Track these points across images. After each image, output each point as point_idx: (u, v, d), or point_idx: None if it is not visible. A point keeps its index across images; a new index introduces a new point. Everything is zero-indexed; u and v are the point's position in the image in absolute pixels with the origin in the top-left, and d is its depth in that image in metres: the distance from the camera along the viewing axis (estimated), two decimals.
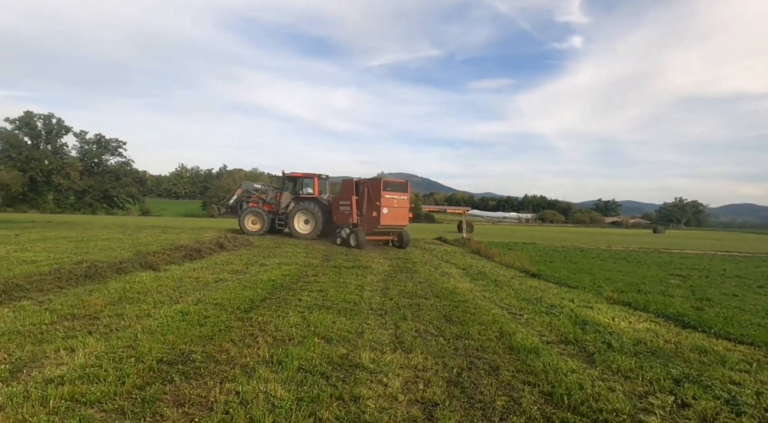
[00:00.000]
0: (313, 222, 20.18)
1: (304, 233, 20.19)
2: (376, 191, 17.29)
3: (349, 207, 18.09)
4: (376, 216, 17.32)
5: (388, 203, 17.34)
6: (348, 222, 18.16)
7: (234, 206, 22.85)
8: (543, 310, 7.36)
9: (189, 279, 8.56)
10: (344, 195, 18.71)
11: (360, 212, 17.94)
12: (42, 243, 13.93)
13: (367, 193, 17.61)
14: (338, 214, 18.91)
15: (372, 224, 17.61)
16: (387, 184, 17.44)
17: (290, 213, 20.49)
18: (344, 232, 18.23)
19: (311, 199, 20.71)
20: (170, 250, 11.66)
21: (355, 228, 17.85)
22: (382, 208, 17.14)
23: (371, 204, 17.51)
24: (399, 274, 11.16)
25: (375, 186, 17.42)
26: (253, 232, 20.89)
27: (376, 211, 17.27)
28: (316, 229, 20.09)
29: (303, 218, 20.36)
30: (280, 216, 21.43)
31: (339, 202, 18.91)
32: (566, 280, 11.39)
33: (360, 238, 17.30)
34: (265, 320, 5.68)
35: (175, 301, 6.49)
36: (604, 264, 16.62)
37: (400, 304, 7.24)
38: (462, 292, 8.72)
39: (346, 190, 18.68)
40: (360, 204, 17.92)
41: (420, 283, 9.68)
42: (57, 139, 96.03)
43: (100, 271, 7.83)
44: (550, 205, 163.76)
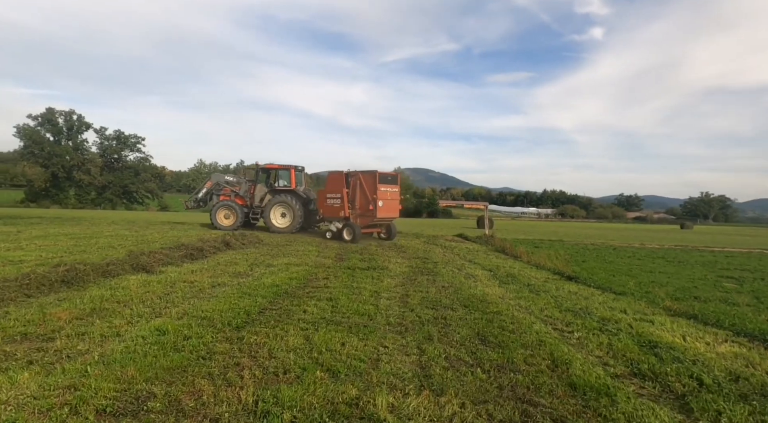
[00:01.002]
0: (291, 215, 19.67)
1: (282, 227, 19.66)
2: (372, 184, 17.11)
3: (340, 200, 17.73)
4: (372, 209, 17.17)
5: (383, 196, 17.32)
6: (338, 215, 17.83)
7: (204, 200, 21.84)
8: (595, 325, 6.12)
9: (182, 284, 7.57)
10: (333, 188, 18.13)
11: (352, 205, 17.60)
12: (41, 240, 13.19)
13: (360, 186, 17.34)
14: (325, 207, 18.36)
15: (367, 217, 17.47)
16: (382, 177, 17.35)
17: (266, 206, 19.94)
18: (334, 226, 17.96)
19: (288, 192, 20.12)
20: (169, 249, 10.74)
21: (348, 221, 17.59)
22: (378, 200, 17.03)
23: (365, 197, 17.29)
24: (419, 276, 10.01)
25: (370, 179, 17.21)
26: (225, 227, 19.91)
27: (372, 203, 17.11)
28: (294, 223, 19.59)
29: (280, 211, 19.86)
30: (254, 209, 20.62)
31: (326, 195, 18.31)
32: (608, 284, 10.10)
33: (356, 232, 17.09)
34: (258, 342, 4.61)
35: (156, 314, 5.47)
36: (642, 264, 15.17)
37: (423, 318, 6.09)
38: (494, 301, 7.52)
39: (335, 183, 18.09)
40: (352, 197, 17.57)
41: (444, 289, 8.52)
42: (78, 136, 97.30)
43: (81, 274, 6.89)
44: (570, 200, 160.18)
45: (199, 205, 21.89)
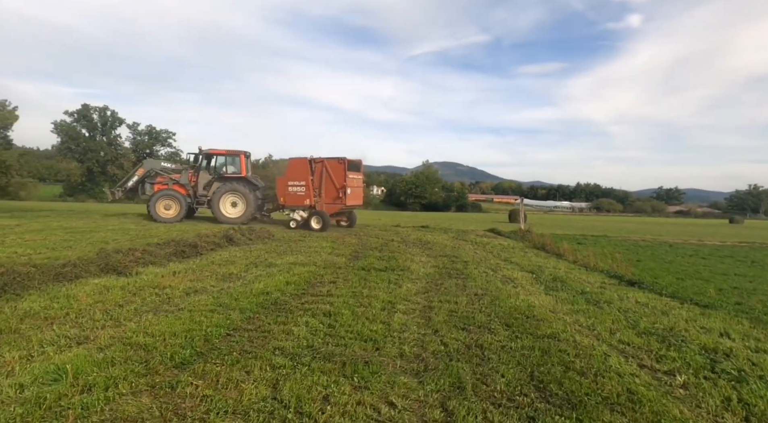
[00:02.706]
0: (243, 204, 18.31)
1: (233, 217, 18.19)
2: (340, 171, 16.80)
3: (303, 188, 17.13)
4: (341, 197, 16.86)
5: (350, 183, 17.04)
6: (303, 203, 17.27)
7: (134, 189, 19.79)
8: (699, 360, 4.26)
9: (150, 290, 6.10)
10: (295, 175, 17.37)
11: (318, 193, 17.05)
12: (33, 234, 12.16)
13: (326, 173, 16.88)
14: (287, 195, 17.49)
15: (335, 205, 17.13)
16: (350, 164, 17.01)
17: (214, 195, 18.32)
18: (298, 215, 17.40)
19: (239, 179, 18.49)
20: (156, 245, 9.37)
21: (314, 209, 17.12)
22: (347, 188, 16.74)
23: (332, 184, 16.90)
24: (447, 279, 8.28)
25: (337, 166, 16.86)
26: (167, 219, 18.05)
27: (341, 191, 16.80)
28: (246, 213, 18.28)
29: (230, 200, 18.41)
30: (199, 198, 18.91)
31: (288, 183, 17.48)
32: (683, 292, 8.11)
33: (326, 220, 16.73)
34: (196, 395, 3.03)
35: (79, 341, 3.97)
36: (710, 264, 12.93)
37: (451, 346, 4.38)
38: (544, 316, 5.73)
39: (299, 170, 17.31)
40: (317, 184, 17.07)
41: (477, 298, 6.77)
42: (111, 131, 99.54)
43: (21, 279, 5.53)
44: (605, 193, 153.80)
45: (128, 194, 19.94)
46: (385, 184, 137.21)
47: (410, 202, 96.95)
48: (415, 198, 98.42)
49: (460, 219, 41.10)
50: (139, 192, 19.38)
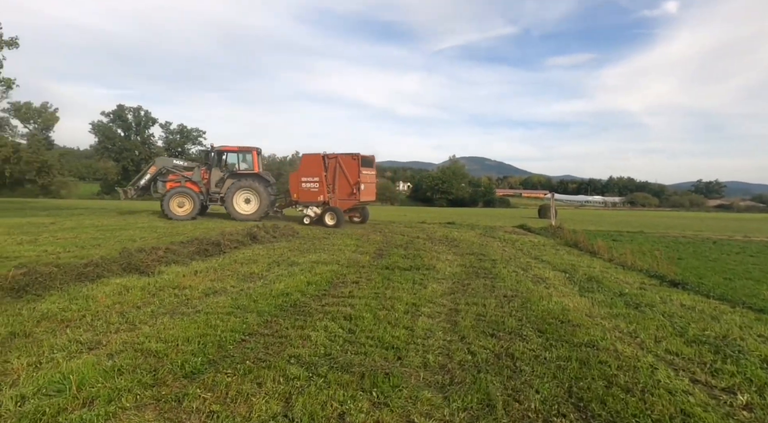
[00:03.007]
0: (257, 201, 18.31)
1: (246, 214, 18.25)
2: (354, 167, 16.82)
3: (317, 184, 17.15)
4: (355, 193, 16.89)
5: (364, 179, 17.04)
6: (316, 200, 17.27)
7: (147, 187, 19.77)
8: (764, 377, 3.78)
9: (170, 290, 6.01)
10: (309, 171, 17.41)
11: (331, 189, 17.08)
12: (65, 232, 12.45)
13: (340, 169, 16.90)
14: (301, 191, 17.52)
15: (349, 201, 17.16)
16: (364, 160, 17.06)
17: (228, 192, 18.32)
18: (312, 211, 17.37)
19: (252, 176, 18.44)
20: (179, 244, 9.36)
21: (328, 205, 17.10)
22: (360, 184, 16.81)
23: (346, 180, 16.90)
24: (474, 279, 7.92)
25: (351, 162, 16.87)
26: (181, 217, 18.07)
27: (355, 187, 16.82)
28: (260, 210, 18.30)
29: (243, 197, 18.40)
30: (211, 195, 18.92)
31: (301, 179, 17.50)
32: (733, 294, 7.50)
33: (339, 216, 16.75)
34: (202, 410, 2.81)
35: (90, 346, 3.84)
36: (759, 263, 12.04)
37: (480, 356, 4.05)
38: (580, 321, 5.32)
39: (312, 166, 17.36)
40: (331, 180, 17.09)
41: (507, 300, 6.39)
42: (145, 131, 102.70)
43: (44, 279, 5.51)
44: (640, 187, 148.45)
45: (141, 193, 19.83)
46: (411, 179, 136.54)
47: (437, 197, 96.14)
48: (442, 193, 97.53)
49: (487, 215, 40.32)
50: (151, 190, 19.49)
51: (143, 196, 19.93)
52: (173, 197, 18.22)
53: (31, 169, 58.05)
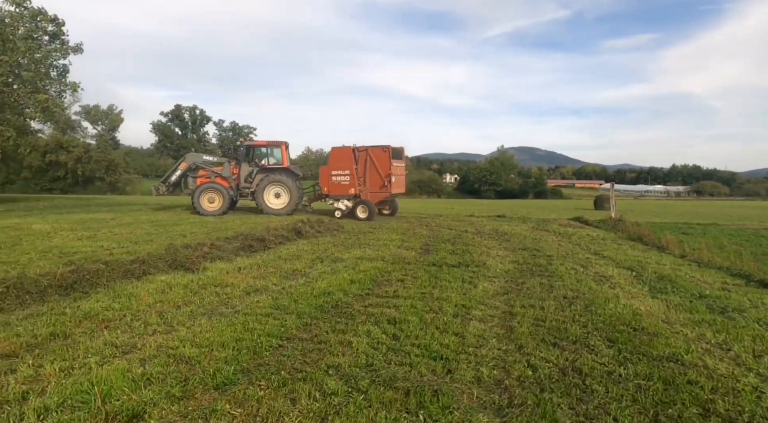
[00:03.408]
0: (287, 195, 18.15)
1: (277, 209, 18.12)
2: (385, 160, 16.79)
3: (348, 177, 17.10)
4: (386, 185, 16.84)
5: (395, 171, 16.97)
6: (347, 193, 17.21)
7: (177, 183, 19.64)
8: None
9: (212, 288, 5.90)
10: (339, 164, 17.40)
11: (362, 182, 17.07)
12: (123, 228, 12.92)
13: (370, 162, 16.90)
14: (331, 184, 17.52)
15: (380, 194, 17.15)
16: (394, 152, 17.00)
17: (258, 187, 18.19)
18: (343, 204, 17.33)
19: (282, 170, 18.25)
20: (225, 240, 9.36)
21: (359, 199, 17.06)
22: (391, 176, 16.72)
23: (377, 173, 16.87)
24: (529, 278, 7.32)
25: (381, 154, 16.88)
26: (211, 212, 17.98)
27: (386, 180, 16.76)
28: (290, 204, 18.14)
29: (273, 191, 18.26)
30: (241, 191, 18.80)
31: (331, 172, 17.51)
32: None
33: (371, 209, 16.66)
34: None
35: (125, 350, 3.70)
36: None
37: (541, 370, 3.55)
38: (656, 328, 4.65)
39: (342, 159, 17.34)
40: (361, 173, 17.06)
41: (568, 302, 5.78)
42: (200, 129, 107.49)
43: (92, 276, 5.54)
44: (707, 175, 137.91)
45: (172, 189, 19.85)
46: (458, 171, 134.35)
47: (484, 189, 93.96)
48: (490, 185, 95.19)
49: (539, 206, 38.67)
50: (182, 186, 19.64)
51: (174, 192, 20.25)
52: (203, 193, 18.37)
53: (100, 168, 62.15)
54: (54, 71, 21.86)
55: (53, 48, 21.31)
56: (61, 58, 21.75)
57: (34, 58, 19.55)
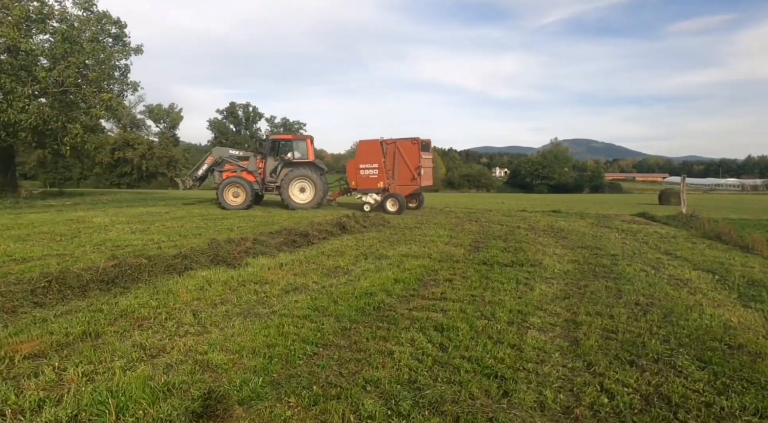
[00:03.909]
0: (312, 190, 18.06)
1: (302, 203, 18.08)
2: (414, 152, 16.64)
3: (376, 170, 17.02)
4: (416, 178, 16.67)
5: (423, 164, 16.79)
6: (376, 186, 17.15)
7: (204, 177, 19.82)
8: None
9: (251, 286, 5.68)
10: (367, 158, 17.31)
11: (391, 175, 16.88)
12: (175, 221, 13.25)
13: (399, 155, 16.73)
14: (359, 178, 17.45)
15: (409, 187, 16.98)
16: (423, 145, 16.83)
17: (284, 181, 18.05)
18: (371, 198, 17.30)
19: (307, 165, 18.16)
20: (269, 234, 9.23)
21: (389, 192, 16.91)
22: (421, 169, 16.58)
23: (406, 166, 16.68)
24: (592, 280, 6.59)
25: (410, 147, 16.71)
26: (234, 207, 17.97)
27: (416, 173, 16.60)
28: (315, 198, 18.05)
29: (298, 186, 18.20)
30: (266, 185, 18.67)
31: (359, 166, 17.46)
32: None
33: (401, 203, 16.52)
34: None
35: (152, 354, 3.47)
36: None
37: (618, 397, 2.97)
38: (757, 346, 3.89)
39: (370, 153, 17.23)
40: (390, 166, 16.88)
41: (642, 310, 5.07)
42: (253, 125, 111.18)
43: (134, 271, 5.48)
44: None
45: (199, 183, 19.91)
46: (509, 165, 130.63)
47: (536, 183, 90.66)
48: (543, 179, 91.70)
49: (596, 201, 36.50)
50: (206, 180, 19.93)
51: (200, 186, 20.41)
52: (227, 187, 18.38)
53: (162, 164, 65.72)
54: (117, 72, 22.98)
55: (116, 49, 22.39)
56: (123, 58, 22.85)
57: (99, 59, 20.58)
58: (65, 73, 19.01)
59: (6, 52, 18.99)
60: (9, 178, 22.73)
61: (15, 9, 18.56)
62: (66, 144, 20.01)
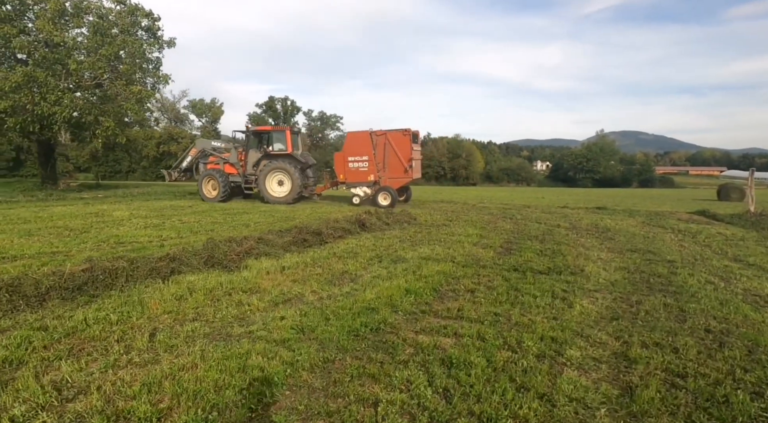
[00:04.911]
0: (289, 183, 17.35)
1: (279, 197, 17.47)
2: (405, 144, 16.15)
3: (366, 163, 16.56)
4: (408, 172, 16.24)
5: (415, 156, 16.37)
6: (366, 179, 16.70)
7: (189, 169, 19.62)
8: None
9: (238, 295, 4.93)
10: (356, 150, 16.79)
11: (382, 167, 16.39)
12: (194, 216, 12.85)
13: (389, 147, 16.23)
14: (348, 171, 16.98)
15: (401, 179, 16.52)
16: (414, 136, 16.36)
17: (260, 174, 17.36)
18: (362, 191, 16.87)
19: (285, 157, 17.49)
20: (277, 233, 8.52)
21: (378, 186, 16.49)
22: (412, 161, 16.17)
23: (397, 158, 16.22)
24: (646, 295, 5.46)
25: (402, 138, 16.18)
26: (211, 199, 17.86)
27: (408, 165, 16.16)
28: (292, 192, 17.33)
29: (277, 179, 17.59)
30: (248, 177, 18.00)
31: (347, 158, 16.93)
32: None
33: (394, 196, 16.15)
34: None
35: (66, 398, 2.73)
36: None
37: None
38: None
39: (360, 145, 16.67)
40: (380, 158, 16.37)
41: (714, 340, 3.97)
42: (291, 119, 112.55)
43: (108, 276, 4.84)
44: None
45: (183, 175, 19.85)
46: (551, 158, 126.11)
47: (580, 177, 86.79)
48: (587, 173, 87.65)
49: (647, 197, 34.00)
50: (194, 172, 19.65)
51: (186, 177, 20.33)
52: (205, 180, 18.35)
53: None
54: (150, 65, 23.08)
55: (148, 42, 22.45)
56: (155, 51, 22.91)
57: (130, 50, 20.66)
58: (96, 65, 19.15)
59: (44, 46, 19.31)
60: (49, 171, 23.42)
61: (50, 3, 18.78)
62: (98, 137, 20.27)
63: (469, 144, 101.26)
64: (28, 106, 17.80)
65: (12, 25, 17.56)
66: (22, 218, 11.22)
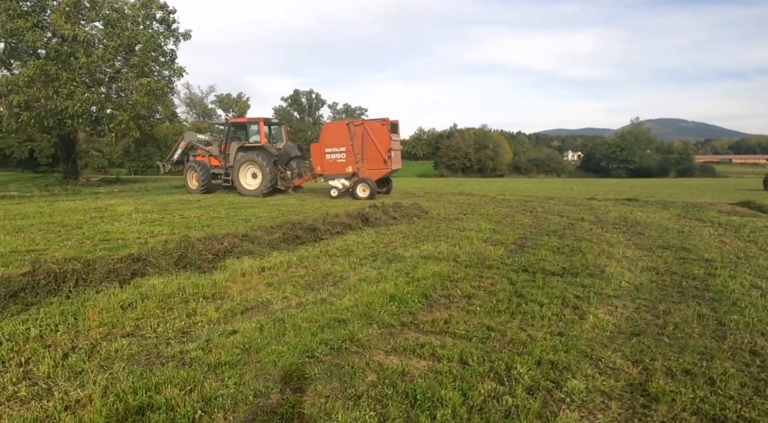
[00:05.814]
0: (261, 175, 16.95)
1: (252, 189, 17.14)
2: (384, 134, 15.67)
3: (344, 154, 16.09)
4: (387, 162, 15.79)
5: (394, 146, 15.96)
6: (344, 171, 16.21)
7: (180, 161, 19.94)
8: None
9: (195, 303, 4.35)
10: (333, 141, 16.29)
11: (360, 158, 15.92)
12: (198, 210, 12.47)
13: (368, 137, 15.74)
14: (325, 163, 16.40)
15: (380, 171, 16.11)
16: (393, 126, 15.92)
17: (235, 165, 17.13)
18: (340, 183, 16.30)
19: (257, 149, 17.18)
20: (266, 229, 7.92)
21: (357, 177, 16.02)
22: (392, 152, 15.78)
23: (376, 149, 15.75)
24: (677, 303, 4.60)
25: (380, 128, 15.71)
26: (194, 190, 18.17)
27: (387, 155, 15.71)
28: (262, 185, 16.91)
29: (251, 171, 17.29)
30: (228, 170, 17.79)
31: (325, 150, 16.35)
32: None
33: (372, 188, 15.79)
34: None
35: None
36: None
37: None
38: None
39: (337, 135, 16.23)
40: (358, 149, 15.88)
41: (762, 366, 3.11)
42: (315, 112, 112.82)
43: (52, 280, 4.27)
44: None
45: (175, 167, 20.24)
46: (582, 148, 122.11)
47: (613, 167, 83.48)
48: (620, 163, 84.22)
49: (685, 187, 31.97)
50: (185, 164, 19.85)
51: (177, 169, 20.65)
52: (188, 172, 18.66)
53: None
54: (164, 57, 22.95)
55: (162, 33, 22.29)
56: (170, 43, 22.75)
57: (141, 42, 20.53)
58: (105, 58, 19.11)
59: (58, 40, 19.37)
60: (70, 166, 23.75)
61: None
62: (112, 131, 20.32)
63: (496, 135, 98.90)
64: (42, 101, 17.92)
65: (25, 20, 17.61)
66: (22, 214, 11.09)
